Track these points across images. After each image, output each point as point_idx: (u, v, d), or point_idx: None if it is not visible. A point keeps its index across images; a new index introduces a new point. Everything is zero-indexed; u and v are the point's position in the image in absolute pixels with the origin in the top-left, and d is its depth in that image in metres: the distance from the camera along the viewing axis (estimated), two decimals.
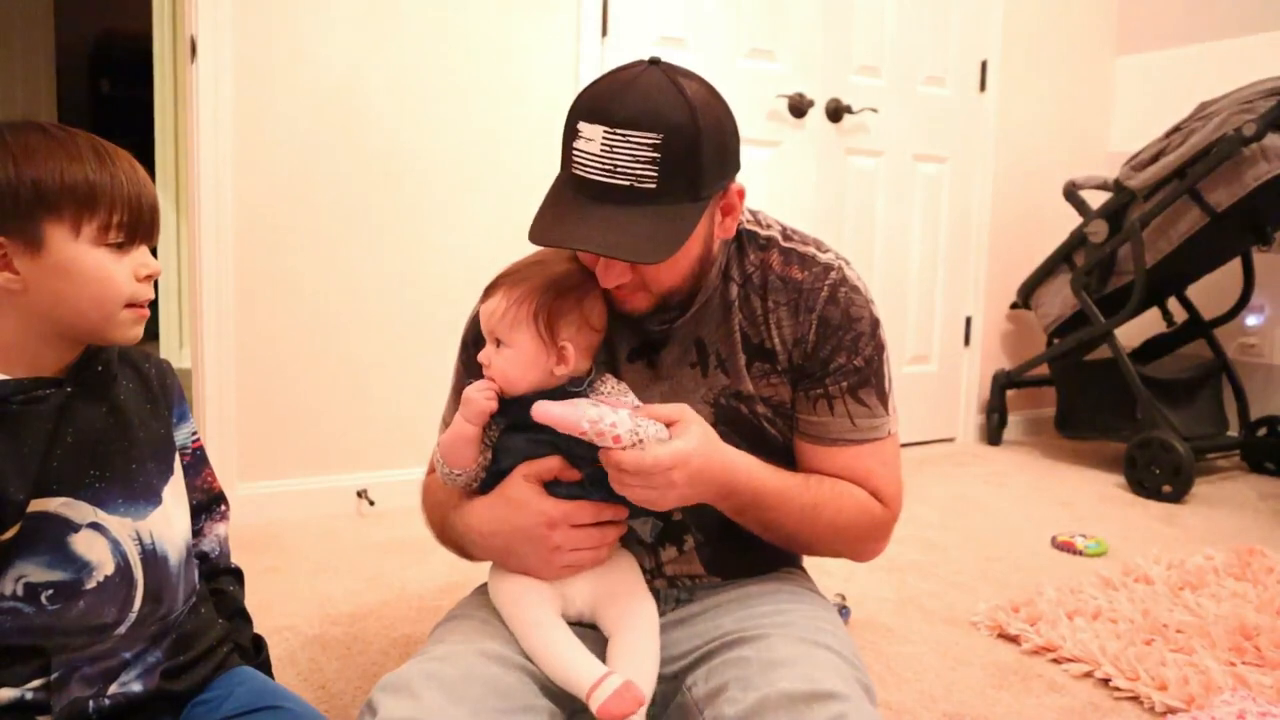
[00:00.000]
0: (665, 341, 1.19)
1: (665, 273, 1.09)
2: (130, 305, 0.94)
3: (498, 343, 1.09)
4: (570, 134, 1.04)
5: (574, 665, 1.02)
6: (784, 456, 1.20)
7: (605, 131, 1.00)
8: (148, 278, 0.95)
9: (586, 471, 1.08)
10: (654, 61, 1.05)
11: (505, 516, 1.10)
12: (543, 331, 1.07)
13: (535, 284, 1.09)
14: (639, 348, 1.20)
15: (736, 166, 1.10)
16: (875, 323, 1.18)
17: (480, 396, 1.08)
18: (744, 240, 1.20)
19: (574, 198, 1.03)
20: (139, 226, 0.93)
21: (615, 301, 1.13)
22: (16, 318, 0.91)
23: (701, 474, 1.03)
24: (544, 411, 1.00)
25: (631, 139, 0.99)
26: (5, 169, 0.88)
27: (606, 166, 1.00)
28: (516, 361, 1.08)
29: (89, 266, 0.90)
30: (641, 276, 1.09)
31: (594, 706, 0.97)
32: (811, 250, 1.19)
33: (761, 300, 1.17)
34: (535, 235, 1.04)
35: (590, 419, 0.99)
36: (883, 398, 1.18)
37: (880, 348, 1.18)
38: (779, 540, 1.17)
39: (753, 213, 1.24)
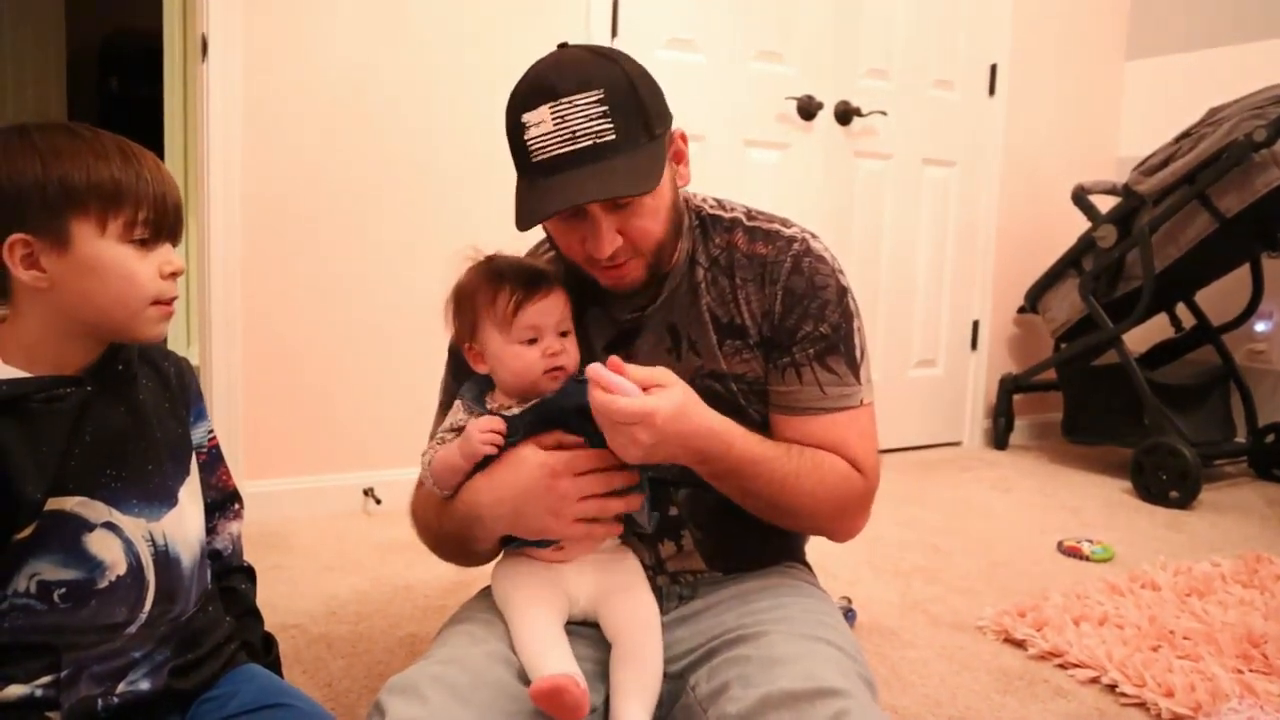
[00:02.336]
0: (638, 330, 1.20)
1: (651, 221, 1.11)
2: (156, 303, 0.94)
3: (562, 333, 1.12)
4: (517, 132, 1.07)
5: (539, 655, 1.03)
6: (765, 435, 1.20)
7: (550, 107, 1.04)
8: (172, 275, 0.96)
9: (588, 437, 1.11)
10: (562, 45, 1.11)
11: (508, 480, 1.11)
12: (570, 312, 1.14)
13: (557, 273, 1.15)
14: (615, 340, 1.21)
15: (670, 111, 1.14)
16: (842, 291, 1.19)
17: (480, 440, 1.09)
18: (708, 224, 1.23)
19: (546, 178, 1.06)
20: (164, 224, 0.94)
21: (613, 281, 1.15)
22: (42, 315, 0.92)
23: (668, 434, 1.03)
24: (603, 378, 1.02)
25: (578, 103, 1.03)
26: (33, 168, 0.88)
27: (565, 136, 1.04)
28: (575, 342, 1.13)
29: (114, 264, 0.91)
30: (631, 240, 1.11)
31: (530, 690, 0.98)
32: (776, 227, 1.21)
33: (729, 279, 1.19)
34: (525, 218, 1.08)
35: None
36: (853, 366, 1.18)
37: (848, 316, 1.19)
38: (760, 509, 1.15)
39: (716, 200, 1.26)
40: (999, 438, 3.56)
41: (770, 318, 1.17)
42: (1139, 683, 1.57)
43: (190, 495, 1.04)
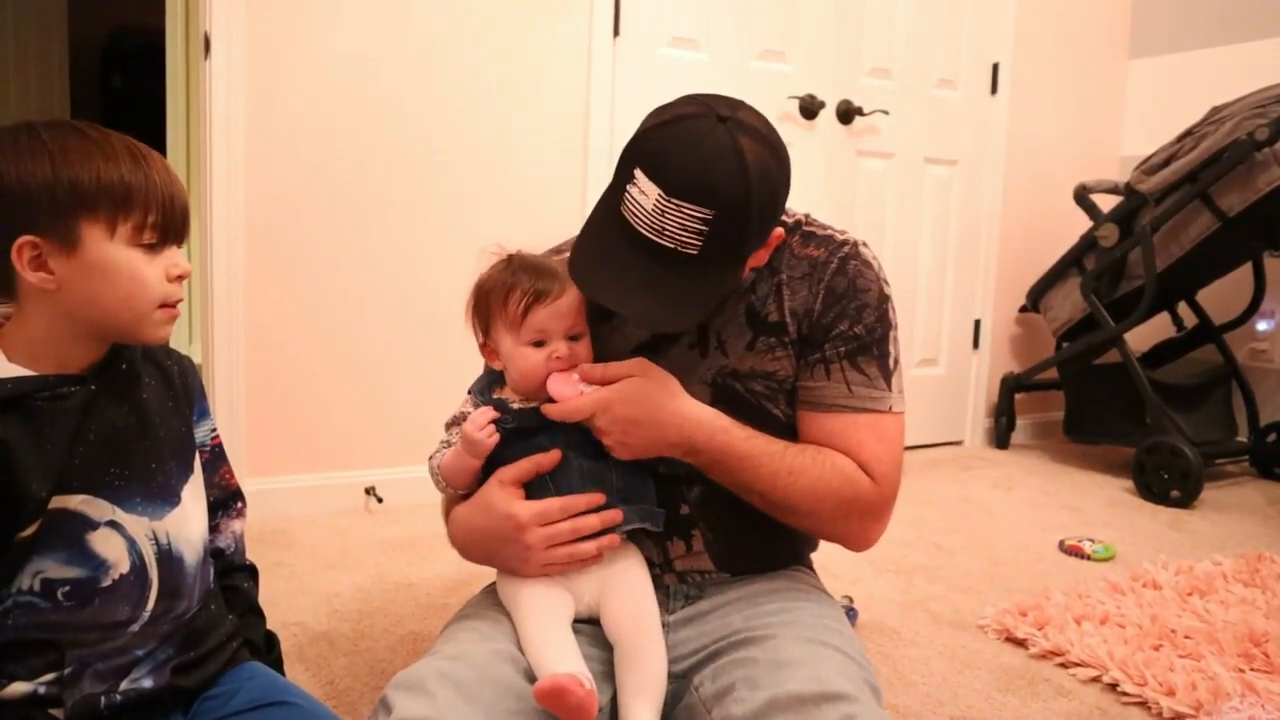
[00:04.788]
0: (678, 332, 1.20)
1: None
2: (162, 306, 0.94)
3: (571, 337, 1.13)
4: (626, 174, 1.05)
5: (544, 655, 1.03)
6: (786, 438, 1.20)
7: (660, 196, 1.01)
8: (179, 278, 0.95)
9: (567, 455, 1.12)
10: (721, 119, 1.04)
11: (480, 524, 1.14)
12: (585, 314, 1.15)
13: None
14: (648, 340, 1.21)
15: (781, 215, 1.13)
16: (883, 298, 1.19)
17: (482, 435, 1.10)
18: None
19: (617, 242, 1.06)
20: (171, 227, 0.94)
21: None
22: (48, 316, 0.92)
23: (628, 421, 1.08)
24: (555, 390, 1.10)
25: (684, 209, 1.01)
26: (43, 169, 0.88)
27: (655, 227, 1.02)
28: (588, 345, 1.15)
29: (122, 266, 0.91)
30: None
31: (534, 690, 0.98)
32: (831, 233, 1.23)
33: (777, 275, 1.19)
34: (577, 277, 1.08)
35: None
36: (885, 372, 1.18)
37: (886, 322, 1.19)
38: (760, 505, 1.15)
39: None
40: (1000, 437, 3.56)
41: (810, 315, 1.18)
42: (1140, 681, 1.58)
43: (193, 494, 1.04)
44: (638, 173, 1.03)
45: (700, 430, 1.10)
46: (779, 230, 1.14)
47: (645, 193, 1.02)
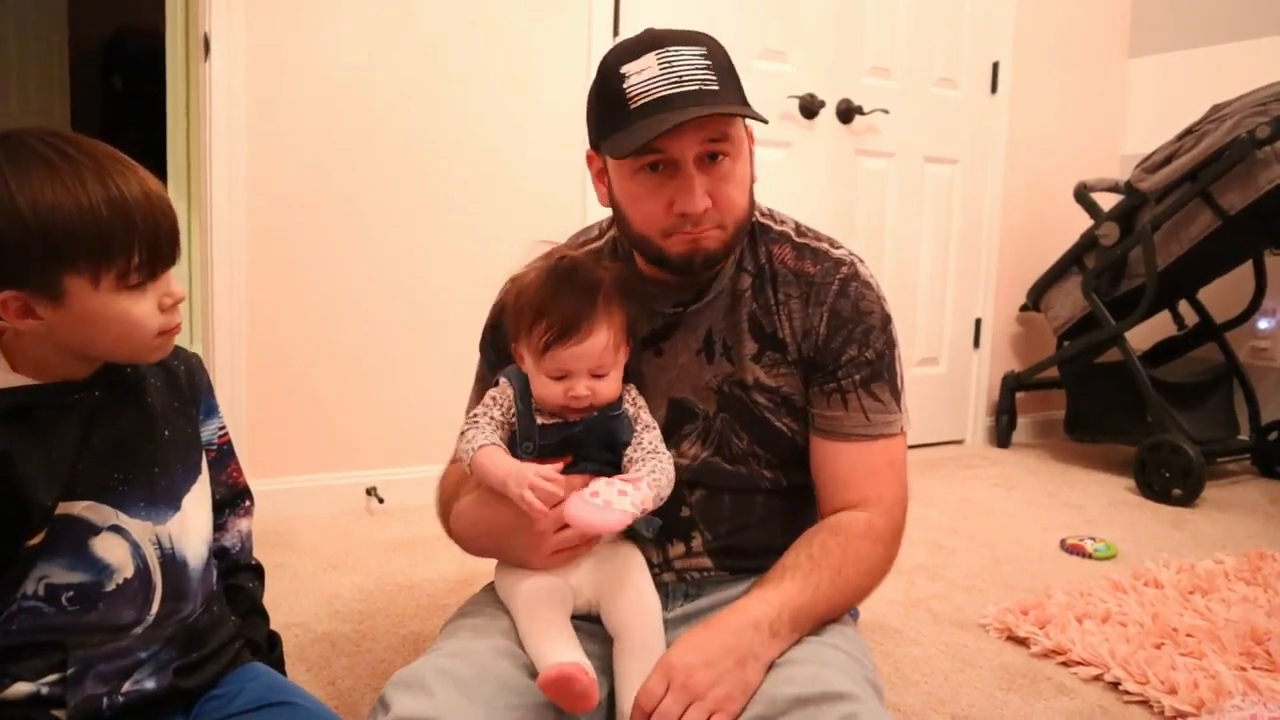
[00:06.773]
0: (675, 327, 1.21)
1: (737, 191, 1.12)
2: (160, 333, 0.93)
3: (594, 375, 1.09)
4: (614, 84, 1.08)
5: (546, 647, 1.03)
6: (790, 451, 1.21)
7: (657, 55, 1.07)
8: (174, 305, 0.93)
9: (577, 459, 1.11)
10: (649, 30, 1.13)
11: (487, 517, 1.14)
12: (623, 341, 1.12)
13: (615, 305, 1.10)
14: (649, 336, 1.21)
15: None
16: (886, 318, 1.20)
17: (535, 500, 1.03)
18: (756, 233, 1.23)
19: (650, 114, 1.06)
20: (159, 261, 0.90)
21: (689, 248, 1.12)
22: (46, 345, 0.91)
23: (710, 664, 0.99)
24: (586, 521, 1.02)
25: (684, 53, 1.08)
26: (15, 223, 0.83)
27: (672, 79, 1.06)
28: (616, 379, 1.12)
29: (113, 314, 0.89)
30: (718, 205, 1.10)
31: (539, 679, 0.98)
32: (825, 246, 1.22)
33: (773, 291, 1.20)
34: (636, 139, 1.05)
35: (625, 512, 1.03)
36: (895, 394, 1.20)
37: (891, 344, 1.20)
38: (840, 614, 1.13)
39: (768, 209, 1.26)
40: (1002, 435, 3.56)
41: (812, 338, 1.18)
42: (1142, 680, 1.58)
43: (198, 496, 1.04)
44: (625, 67, 1.08)
45: (761, 614, 1.03)
46: (749, 128, 1.16)
47: (645, 67, 1.07)
